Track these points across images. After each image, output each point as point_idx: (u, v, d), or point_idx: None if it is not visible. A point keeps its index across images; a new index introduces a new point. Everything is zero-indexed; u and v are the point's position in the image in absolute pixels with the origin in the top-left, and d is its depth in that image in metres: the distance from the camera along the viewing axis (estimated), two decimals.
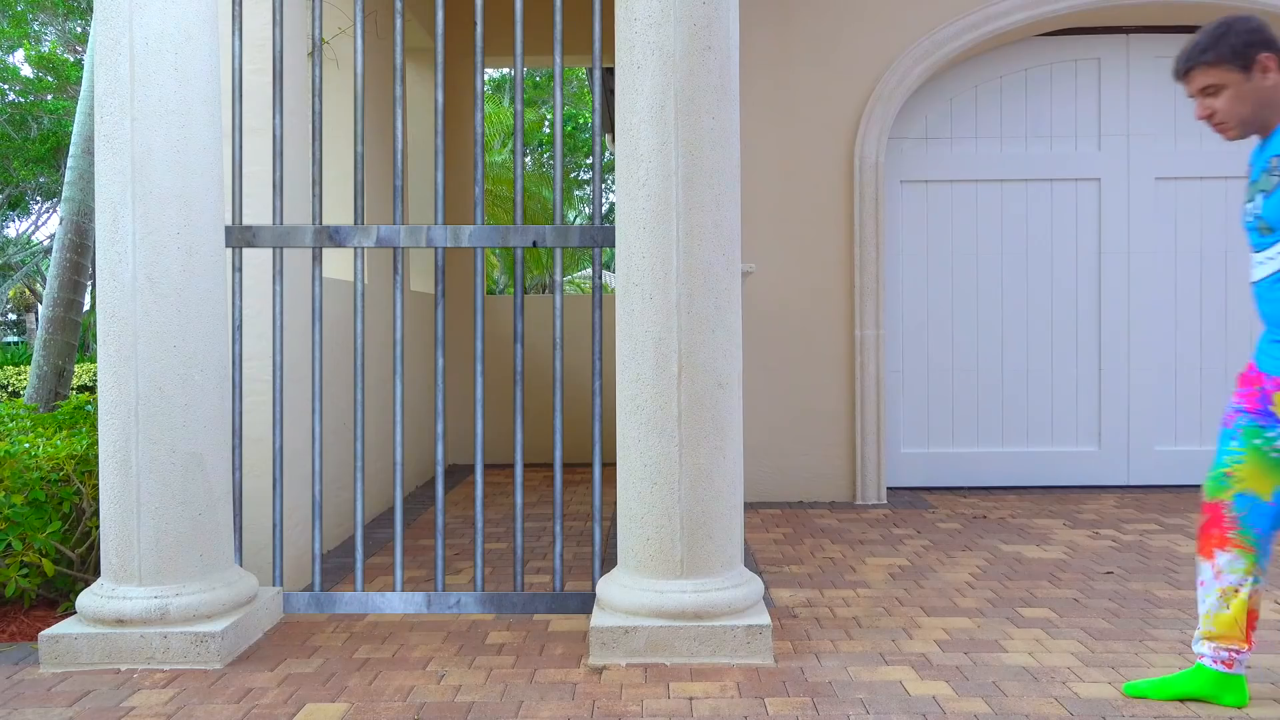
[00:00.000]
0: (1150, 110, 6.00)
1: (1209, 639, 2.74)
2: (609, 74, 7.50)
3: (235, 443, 3.52)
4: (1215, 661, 2.72)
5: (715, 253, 3.11)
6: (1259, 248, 2.64)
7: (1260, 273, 2.63)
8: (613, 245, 3.38)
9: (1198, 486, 6.00)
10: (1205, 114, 2.66)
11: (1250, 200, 2.64)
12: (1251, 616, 2.69)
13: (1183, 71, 2.67)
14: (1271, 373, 2.62)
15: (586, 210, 23.85)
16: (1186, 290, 6.05)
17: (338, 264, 5.43)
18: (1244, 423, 2.68)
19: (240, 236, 3.53)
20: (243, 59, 3.59)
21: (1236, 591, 2.68)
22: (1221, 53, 2.59)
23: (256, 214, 3.84)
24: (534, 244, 3.50)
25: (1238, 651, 2.69)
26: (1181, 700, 2.75)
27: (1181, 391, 6.05)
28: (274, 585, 3.64)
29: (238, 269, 3.57)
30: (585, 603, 3.59)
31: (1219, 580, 2.71)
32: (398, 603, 3.60)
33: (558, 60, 3.54)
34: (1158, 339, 6.04)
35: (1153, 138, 6.00)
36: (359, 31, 3.58)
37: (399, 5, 3.57)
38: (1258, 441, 2.66)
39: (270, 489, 3.85)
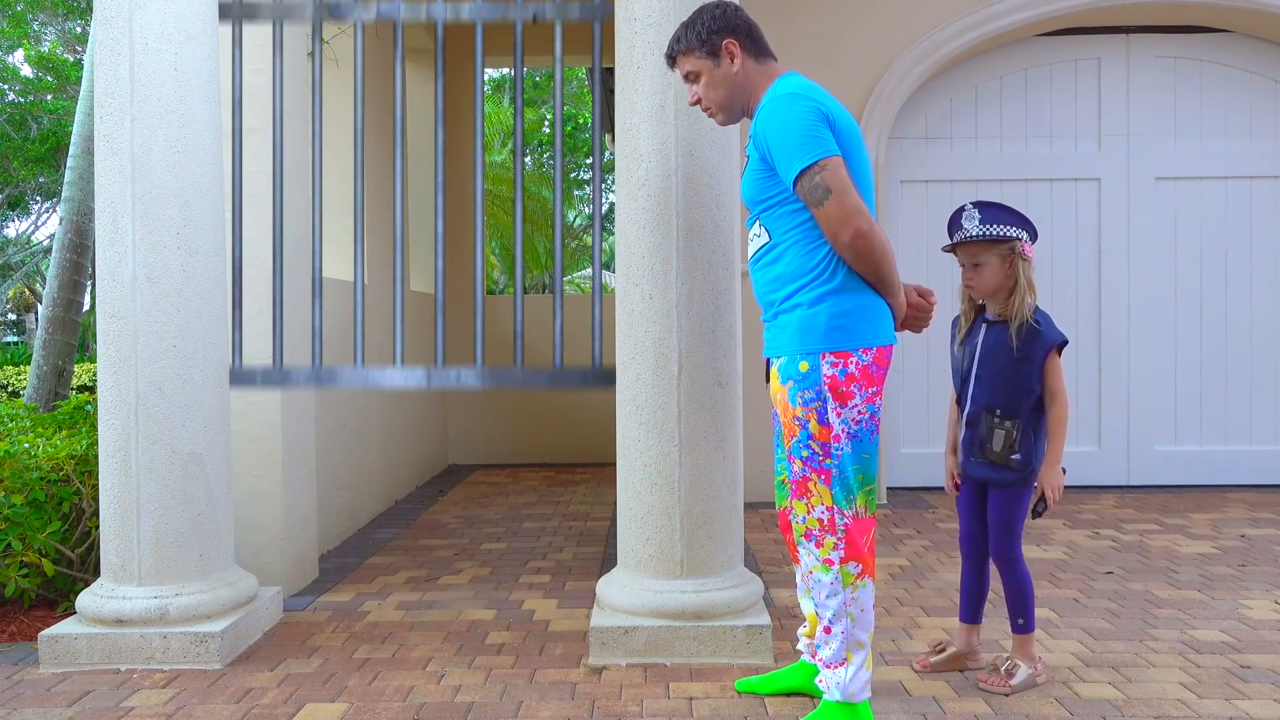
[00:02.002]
0: (1150, 110, 6.00)
1: (808, 636, 2.82)
2: (609, 74, 7.49)
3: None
4: (812, 656, 2.79)
5: (715, 253, 3.11)
6: (749, 226, 2.65)
7: (749, 250, 2.65)
8: (611, 19, 3.30)
9: (1198, 486, 6.00)
10: (694, 100, 2.67)
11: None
12: None
13: (669, 60, 2.69)
14: (765, 354, 2.63)
15: (586, 210, 23.84)
16: (1186, 290, 6.05)
17: (338, 264, 5.43)
18: (778, 427, 2.69)
19: (241, 11, 3.50)
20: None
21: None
22: (690, 41, 2.61)
23: (257, 214, 3.83)
24: (534, 18, 3.45)
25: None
26: (787, 694, 2.79)
27: (1181, 391, 6.05)
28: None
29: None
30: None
31: (805, 583, 2.75)
32: (397, 377, 3.52)
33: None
34: (1158, 339, 6.04)
35: (1153, 138, 6.00)
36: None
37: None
38: None
39: (270, 489, 3.85)
